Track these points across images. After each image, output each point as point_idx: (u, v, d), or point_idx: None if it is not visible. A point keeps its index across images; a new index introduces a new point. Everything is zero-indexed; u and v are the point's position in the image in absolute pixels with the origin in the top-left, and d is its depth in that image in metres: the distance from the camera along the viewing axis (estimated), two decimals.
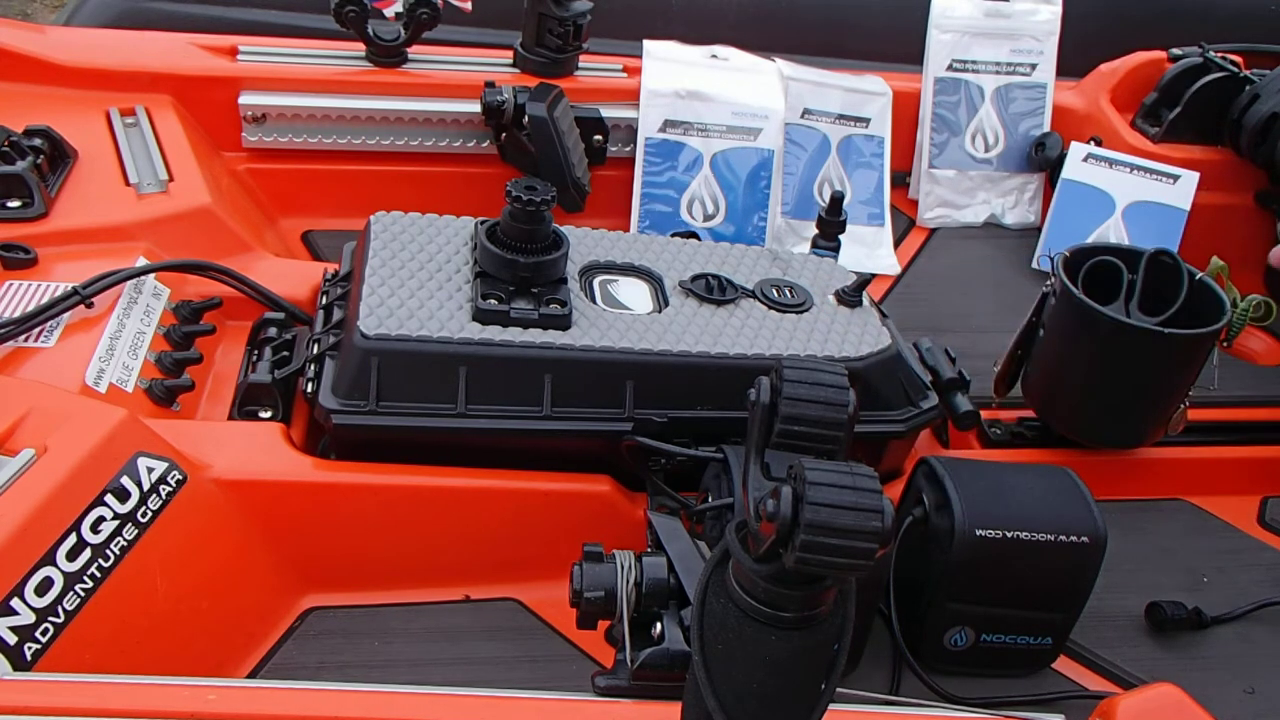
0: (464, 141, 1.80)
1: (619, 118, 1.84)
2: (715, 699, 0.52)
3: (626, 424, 1.18)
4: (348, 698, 0.82)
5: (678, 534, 0.98)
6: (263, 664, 1.09)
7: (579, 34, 1.81)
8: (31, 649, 0.88)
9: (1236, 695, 1.21)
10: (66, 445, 0.98)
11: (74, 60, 1.66)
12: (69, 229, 1.35)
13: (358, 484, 1.15)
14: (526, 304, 1.17)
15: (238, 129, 1.72)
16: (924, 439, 1.42)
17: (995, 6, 2.05)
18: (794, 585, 0.50)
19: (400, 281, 1.19)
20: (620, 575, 0.90)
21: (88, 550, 0.94)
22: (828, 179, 1.95)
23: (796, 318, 1.27)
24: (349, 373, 1.13)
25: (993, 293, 1.84)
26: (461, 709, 0.83)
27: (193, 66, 1.71)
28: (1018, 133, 2.07)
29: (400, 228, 1.29)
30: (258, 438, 1.16)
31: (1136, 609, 1.29)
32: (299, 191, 1.77)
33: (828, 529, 0.43)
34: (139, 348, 1.22)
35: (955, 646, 1.18)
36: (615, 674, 0.90)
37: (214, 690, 0.81)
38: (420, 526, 1.18)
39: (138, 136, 1.57)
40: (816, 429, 0.84)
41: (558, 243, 1.20)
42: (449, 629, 1.16)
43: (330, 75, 1.74)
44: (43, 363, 1.15)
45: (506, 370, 1.14)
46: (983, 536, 1.10)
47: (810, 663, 0.52)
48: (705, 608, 0.53)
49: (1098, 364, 1.34)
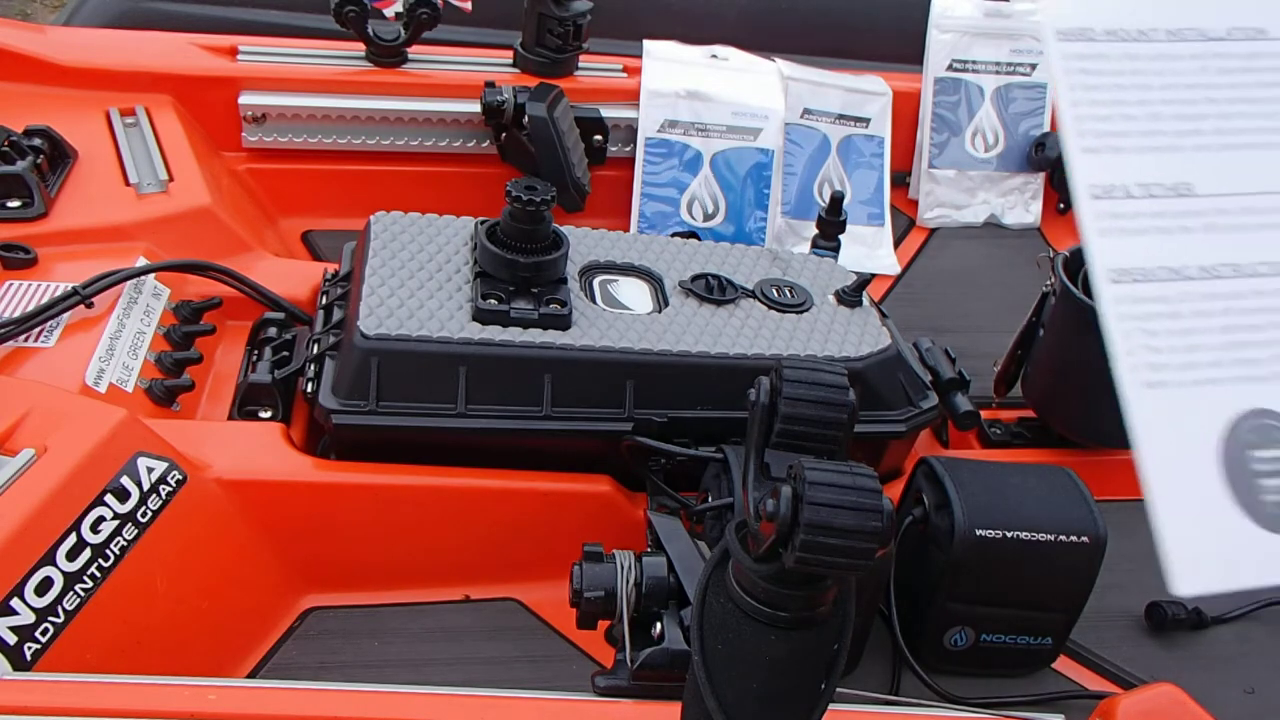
0: (464, 141, 1.80)
1: (619, 118, 1.84)
2: (715, 699, 0.52)
3: (626, 424, 1.18)
4: (348, 698, 0.82)
5: (678, 534, 0.98)
6: (263, 664, 1.09)
7: (579, 34, 1.81)
8: (31, 649, 0.88)
9: (1236, 695, 1.21)
10: (66, 445, 0.98)
11: (74, 60, 1.66)
12: (69, 229, 1.35)
13: (358, 484, 1.15)
14: (526, 304, 1.17)
15: (238, 129, 1.72)
16: (924, 439, 1.42)
17: (995, 6, 2.05)
18: (794, 585, 0.50)
19: (400, 281, 1.19)
20: (620, 575, 0.90)
21: (88, 550, 0.94)
22: (828, 179, 1.95)
23: (796, 318, 1.27)
24: (349, 373, 1.13)
25: (993, 293, 1.84)
26: (461, 709, 0.83)
27: (193, 66, 1.71)
28: (1018, 133, 2.07)
29: (400, 228, 1.29)
30: (258, 438, 1.16)
31: (1136, 609, 1.29)
32: (299, 191, 1.76)
33: (827, 529, 0.43)
34: (139, 348, 1.22)
35: (955, 646, 1.18)
36: (615, 674, 0.90)
37: (214, 690, 0.81)
38: (420, 526, 1.18)
39: (138, 136, 1.57)
40: (816, 429, 0.84)
41: (558, 243, 1.20)
42: (449, 629, 1.16)
43: (330, 75, 1.74)
44: (43, 363, 1.15)
45: (506, 370, 1.14)
46: (983, 536, 1.10)
47: (810, 663, 0.52)
48: (705, 608, 0.53)
49: (1098, 364, 1.34)
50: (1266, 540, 0.32)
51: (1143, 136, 0.35)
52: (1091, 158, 0.35)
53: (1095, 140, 0.35)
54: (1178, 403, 0.33)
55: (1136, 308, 0.34)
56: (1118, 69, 0.35)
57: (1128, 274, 0.34)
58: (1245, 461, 0.32)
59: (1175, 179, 0.35)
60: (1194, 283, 0.34)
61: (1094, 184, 0.34)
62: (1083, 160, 0.35)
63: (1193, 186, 0.35)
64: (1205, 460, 0.32)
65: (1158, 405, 0.33)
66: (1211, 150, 0.35)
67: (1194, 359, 0.33)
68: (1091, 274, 0.35)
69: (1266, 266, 0.34)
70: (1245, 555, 0.32)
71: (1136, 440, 0.33)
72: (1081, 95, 0.35)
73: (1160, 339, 0.33)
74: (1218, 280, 0.34)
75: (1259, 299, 0.34)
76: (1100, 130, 0.35)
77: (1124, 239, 0.34)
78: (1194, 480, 0.32)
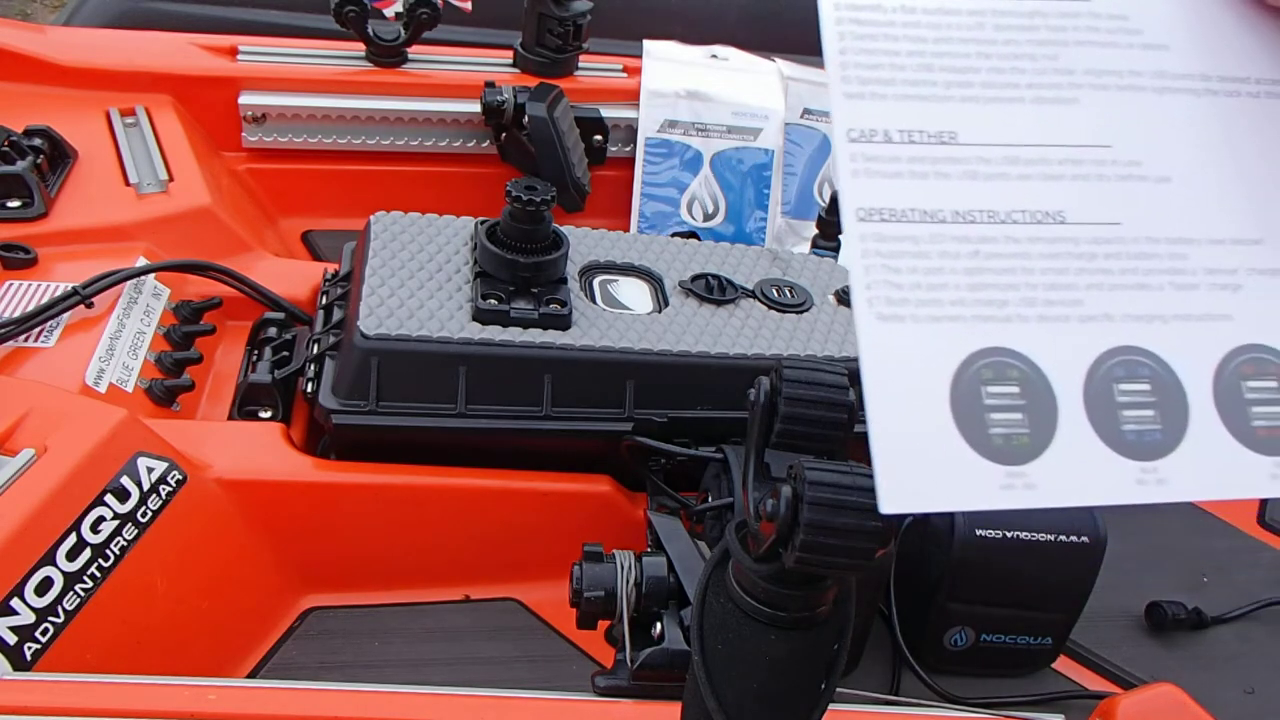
0: (464, 141, 1.80)
1: (619, 118, 1.84)
2: (715, 699, 0.52)
3: (626, 424, 1.18)
4: (348, 698, 0.82)
5: (678, 534, 0.98)
6: (263, 664, 1.09)
7: (579, 34, 1.81)
8: (31, 649, 0.88)
9: (1236, 695, 1.21)
10: (66, 445, 0.98)
11: (74, 60, 1.66)
12: (69, 229, 1.35)
13: (358, 484, 1.15)
14: (526, 304, 1.17)
15: (238, 129, 1.72)
16: None
17: None
18: (794, 585, 0.50)
19: (400, 281, 1.19)
20: (620, 575, 0.90)
21: (88, 550, 0.94)
22: (828, 179, 1.95)
23: (796, 318, 1.27)
24: (349, 373, 1.13)
25: None
26: (461, 709, 0.83)
27: (193, 66, 1.71)
28: None
29: (400, 228, 1.29)
30: (258, 438, 1.16)
31: (1136, 609, 1.29)
32: (299, 191, 1.76)
33: (827, 529, 0.43)
34: (139, 348, 1.22)
35: (955, 646, 1.18)
36: (615, 674, 0.90)
37: (214, 690, 0.81)
38: (420, 526, 1.18)
39: (138, 136, 1.57)
40: (816, 429, 0.84)
41: (558, 243, 1.20)
42: (449, 629, 1.16)
43: (330, 75, 1.74)
44: (43, 363, 1.15)
45: (506, 370, 1.14)
46: (983, 536, 1.10)
47: (810, 663, 0.52)
48: (705, 608, 0.53)
49: None
50: (985, 468, 0.33)
51: (910, 85, 0.36)
52: (854, 102, 0.35)
53: (860, 87, 0.35)
54: (912, 337, 0.34)
55: (882, 245, 0.34)
56: (891, 20, 0.36)
57: (877, 213, 0.35)
58: (977, 395, 0.34)
59: (940, 127, 0.36)
60: (946, 225, 0.35)
61: (853, 128, 0.35)
62: (845, 105, 0.35)
63: (957, 135, 0.36)
64: (933, 391, 0.34)
65: (891, 338, 0.34)
66: (980, 102, 0.36)
67: (936, 296, 0.34)
68: (842, 212, 0.35)
69: (1022, 214, 0.35)
70: (961, 480, 0.33)
71: (864, 369, 0.34)
72: (851, 44, 0.36)
73: (903, 276, 0.34)
74: (971, 225, 0.35)
75: (1011, 245, 0.35)
76: (866, 78, 0.36)
77: (878, 180, 0.35)
78: (918, 408, 0.33)
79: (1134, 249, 0.36)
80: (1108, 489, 0.35)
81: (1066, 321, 0.35)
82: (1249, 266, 0.37)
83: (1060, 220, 0.36)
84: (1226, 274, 0.36)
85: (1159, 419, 0.35)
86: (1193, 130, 0.37)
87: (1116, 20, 0.38)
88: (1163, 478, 0.34)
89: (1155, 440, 0.35)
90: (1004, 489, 0.34)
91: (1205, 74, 0.38)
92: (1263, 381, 0.36)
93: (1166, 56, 0.38)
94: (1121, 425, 0.35)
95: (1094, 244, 0.36)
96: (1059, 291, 0.35)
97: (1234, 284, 0.36)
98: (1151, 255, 0.36)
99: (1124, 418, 0.35)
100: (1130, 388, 0.35)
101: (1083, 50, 0.37)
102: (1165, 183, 0.37)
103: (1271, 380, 0.36)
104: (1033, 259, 0.35)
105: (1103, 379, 0.35)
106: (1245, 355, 0.36)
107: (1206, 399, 0.35)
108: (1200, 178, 0.37)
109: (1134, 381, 0.35)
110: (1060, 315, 0.35)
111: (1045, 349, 0.34)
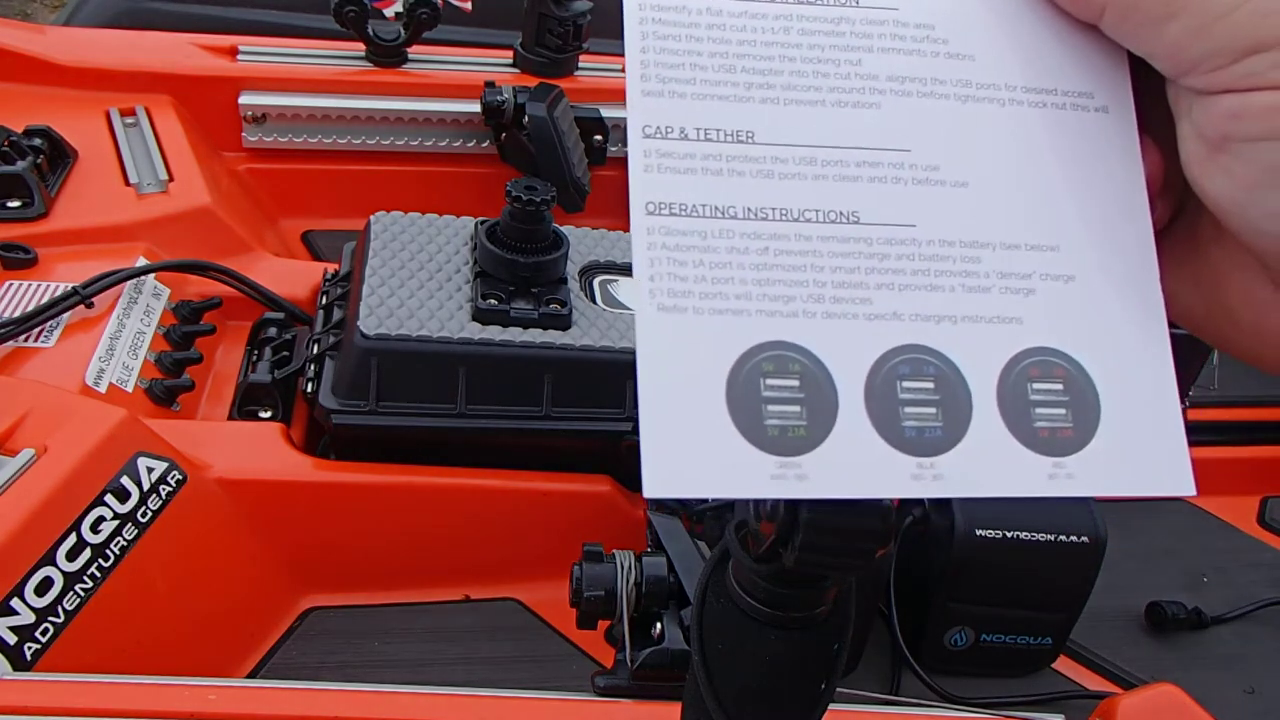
0: (464, 141, 1.80)
1: (619, 118, 1.84)
2: (715, 699, 0.52)
3: (626, 424, 1.18)
4: (348, 698, 0.82)
5: (678, 534, 0.98)
6: (263, 664, 1.09)
7: (579, 34, 1.80)
8: (31, 649, 0.88)
9: (1236, 695, 1.21)
10: (66, 445, 0.98)
11: (74, 60, 1.66)
12: (69, 229, 1.35)
13: (358, 484, 1.15)
14: (526, 304, 1.17)
15: (238, 129, 1.72)
16: None
17: None
18: (794, 585, 0.50)
19: (400, 281, 1.19)
20: (620, 575, 0.90)
21: (88, 550, 0.94)
22: None
23: None
24: (349, 373, 1.13)
25: None
26: (461, 709, 0.83)
27: (193, 66, 1.71)
28: None
29: (400, 228, 1.29)
30: (258, 438, 1.16)
31: (1136, 609, 1.29)
32: (299, 191, 1.76)
33: (827, 529, 0.43)
34: (139, 348, 1.22)
35: (955, 646, 1.18)
36: (615, 674, 0.90)
37: (214, 690, 0.81)
38: (420, 526, 1.18)
39: (138, 136, 1.57)
40: None
41: (558, 243, 1.20)
42: (449, 629, 1.16)
43: (330, 75, 1.74)
44: (43, 363, 1.15)
45: (506, 370, 1.14)
46: (982, 536, 1.10)
47: (810, 663, 0.51)
48: (705, 608, 0.53)
49: None
50: (757, 457, 0.33)
51: (710, 85, 0.36)
52: (651, 99, 0.35)
53: (659, 85, 0.35)
54: (692, 328, 0.34)
55: (669, 239, 0.34)
56: (695, 21, 0.36)
57: (666, 206, 0.35)
58: (756, 387, 0.34)
59: (737, 126, 0.36)
60: (737, 221, 0.35)
61: (649, 124, 0.35)
62: (641, 101, 0.35)
63: (754, 135, 0.36)
64: (708, 381, 0.33)
65: (670, 329, 0.33)
66: (780, 104, 0.36)
67: (721, 290, 0.34)
68: (630, 207, 0.35)
69: (815, 213, 0.35)
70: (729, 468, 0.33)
71: (639, 356, 0.33)
72: (653, 43, 0.36)
73: (689, 269, 0.34)
74: (763, 222, 0.35)
75: (802, 242, 0.35)
76: (666, 76, 0.35)
77: (669, 175, 0.35)
78: (690, 397, 0.33)
79: (927, 250, 0.36)
80: (881, 482, 0.35)
81: (854, 319, 0.35)
82: (1043, 272, 0.37)
83: (854, 220, 0.36)
84: (1020, 278, 0.37)
85: (940, 416, 0.35)
86: (994, 138, 0.38)
87: (923, 29, 0.38)
88: (939, 474, 0.35)
89: (936, 437, 0.35)
90: (774, 479, 0.34)
91: (1010, 84, 0.38)
92: (1048, 384, 0.36)
93: (971, 66, 0.38)
94: (902, 421, 0.35)
95: (887, 244, 0.36)
96: (848, 289, 0.35)
97: (1027, 288, 0.37)
98: (945, 257, 0.36)
99: (905, 414, 0.35)
100: (914, 385, 0.35)
101: (887, 57, 0.37)
102: (963, 188, 0.37)
103: (1057, 383, 0.36)
104: (823, 257, 0.35)
105: (886, 376, 0.35)
106: (1033, 358, 0.36)
107: (990, 399, 0.35)
108: (999, 184, 0.37)
109: (918, 379, 0.35)
110: (848, 313, 0.35)
111: (829, 344, 0.34)
